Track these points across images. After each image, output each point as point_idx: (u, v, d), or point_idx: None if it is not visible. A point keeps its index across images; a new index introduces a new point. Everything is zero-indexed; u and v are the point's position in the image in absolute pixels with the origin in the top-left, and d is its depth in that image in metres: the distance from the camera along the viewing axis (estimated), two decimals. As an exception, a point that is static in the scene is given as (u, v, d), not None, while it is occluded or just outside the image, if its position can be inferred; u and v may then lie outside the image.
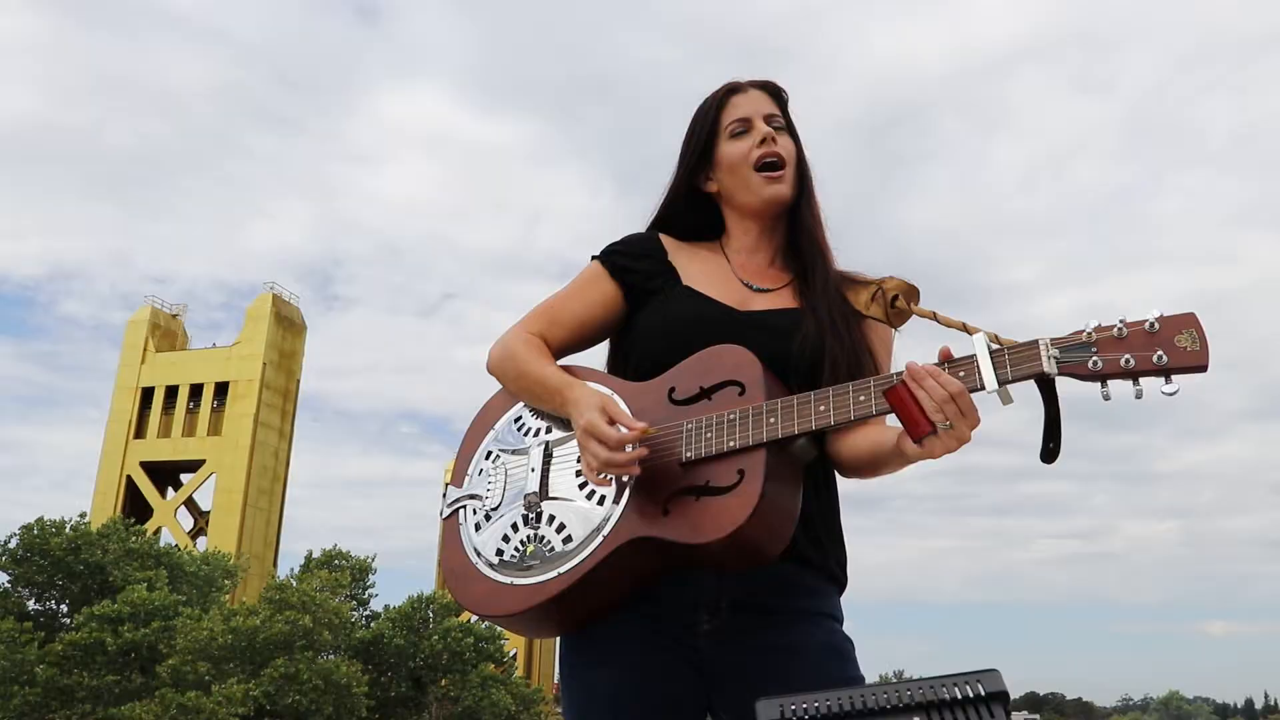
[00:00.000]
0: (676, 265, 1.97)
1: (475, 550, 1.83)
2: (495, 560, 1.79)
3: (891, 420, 1.66)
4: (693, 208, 2.04)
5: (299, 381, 52.19)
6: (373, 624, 33.61)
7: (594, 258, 2.01)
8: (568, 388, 1.81)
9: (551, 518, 1.76)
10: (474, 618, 47.59)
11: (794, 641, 1.76)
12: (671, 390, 1.78)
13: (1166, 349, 1.45)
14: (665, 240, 2.01)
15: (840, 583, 1.87)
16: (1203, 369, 1.44)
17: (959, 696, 0.96)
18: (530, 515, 1.78)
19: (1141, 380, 1.46)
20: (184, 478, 50.60)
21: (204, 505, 49.95)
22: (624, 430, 1.66)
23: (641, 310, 1.95)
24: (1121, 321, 1.48)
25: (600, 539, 1.70)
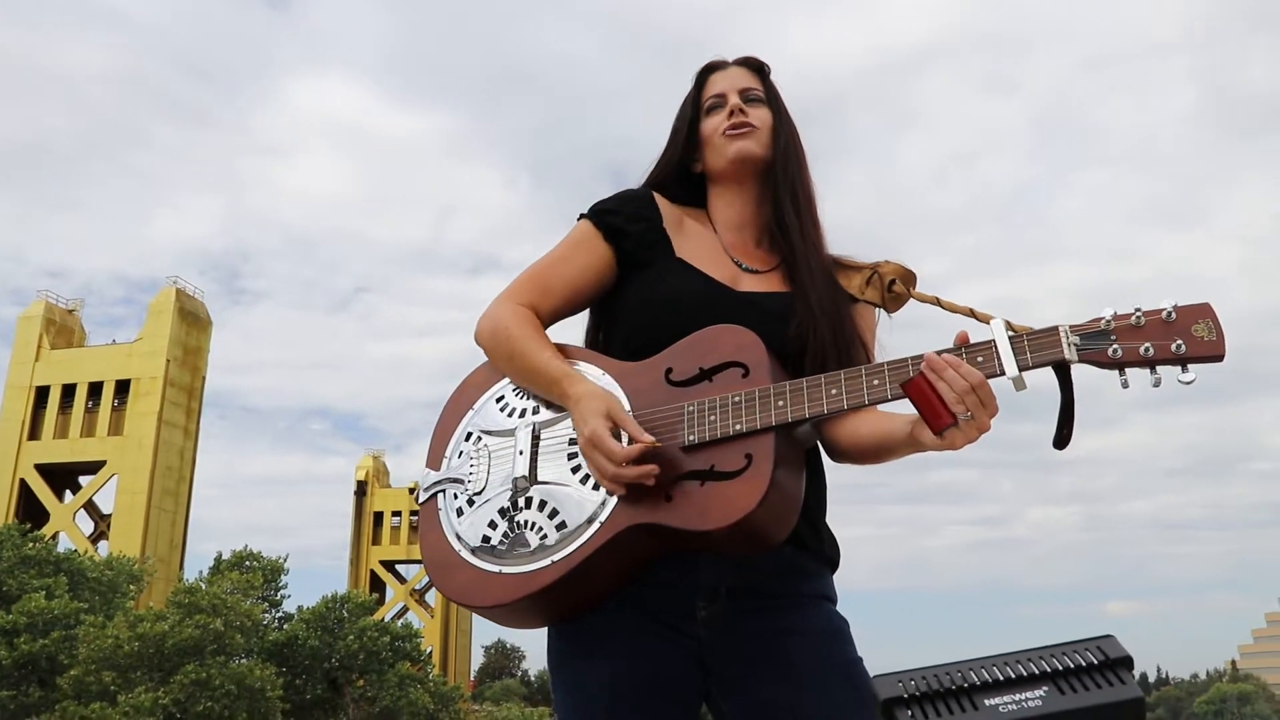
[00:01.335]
0: (669, 232, 1.90)
1: (457, 536, 1.74)
2: (481, 547, 1.70)
3: (894, 407, 1.62)
4: (681, 182, 1.99)
5: (204, 378, 50.66)
6: (286, 625, 32.83)
7: (582, 216, 1.93)
8: (568, 381, 1.72)
9: (543, 503, 1.68)
10: (389, 615, 47.04)
11: (793, 625, 1.72)
12: (669, 371, 1.72)
13: (1184, 338, 1.45)
14: (660, 201, 1.94)
15: (835, 564, 1.85)
16: (1219, 358, 1.44)
17: (1084, 664, 0.92)
18: (519, 500, 1.70)
19: (1159, 369, 1.47)
20: (83, 480, 48.78)
21: (105, 508, 48.20)
22: (629, 445, 1.59)
23: (631, 280, 1.87)
24: (1138, 310, 1.48)
25: (597, 525, 1.63)
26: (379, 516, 62.11)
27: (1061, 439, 1.51)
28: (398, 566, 62.50)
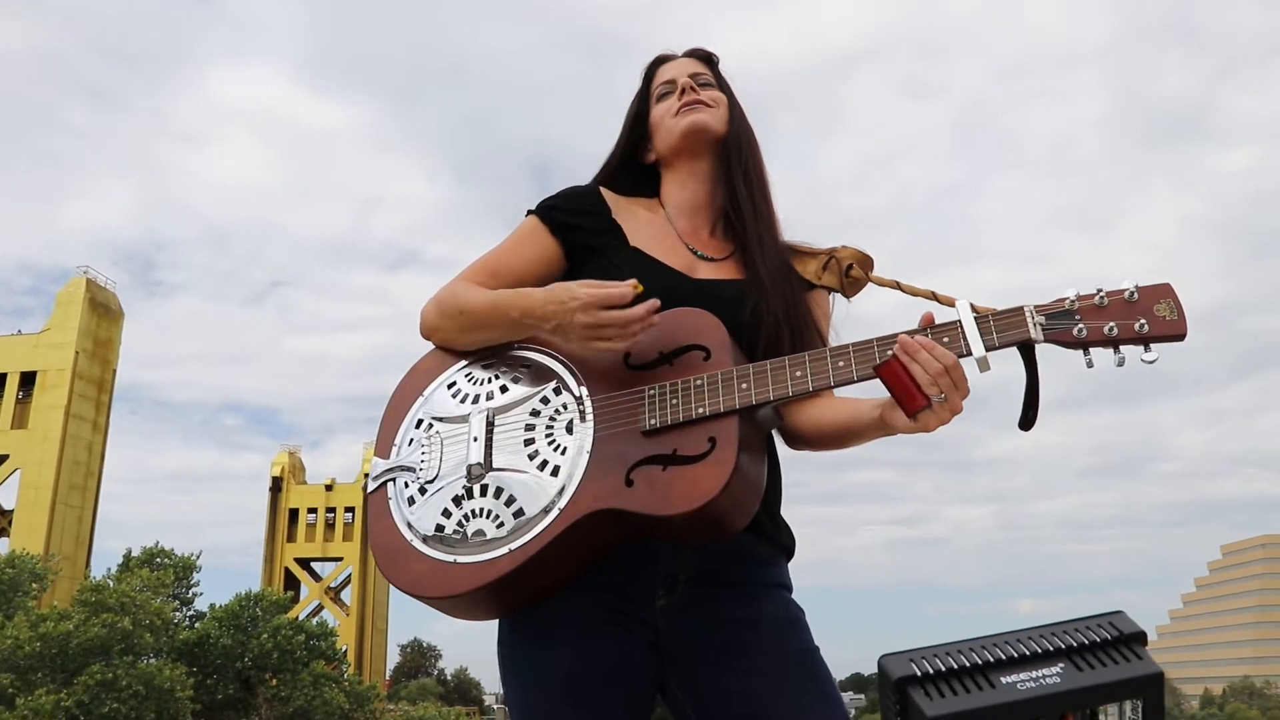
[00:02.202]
0: (621, 223, 1.89)
1: (409, 525, 1.69)
2: (433, 536, 1.65)
3: (856, 390, 1.62)
4: (632, 174, 1.99)
5: (115, 371, 49.18)
6: (198, 624, 32.07)
7: (530, 212, 1.90)
8: (520, 294, 1.71)
9: (499, 490, 1.64)
10: (303, 614, 46.08)
11: (751, 614, 1.71)
12: (627, 355, 1.69)
13: (1147, 318, 1.47)
14: (607, 195, 1.93)
15: (791, 552, 1.84)
16: (1181, 338, 1.47)
17: (1098, 639, 0.91)
18: (474, 488, 1.65)
19: (1123, 348, 1.48)
20: (-17, 474, 46.98)
21: (6, 504, 46.48)
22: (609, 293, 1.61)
23: (584, 270, 1.84)
24: (1101, 290, 1.50)
25: (555, 513, 1.59)
26: (294, 513, 60.92)
27: (1027, 420, 1.53)
28: (313, 564, 61.37)
